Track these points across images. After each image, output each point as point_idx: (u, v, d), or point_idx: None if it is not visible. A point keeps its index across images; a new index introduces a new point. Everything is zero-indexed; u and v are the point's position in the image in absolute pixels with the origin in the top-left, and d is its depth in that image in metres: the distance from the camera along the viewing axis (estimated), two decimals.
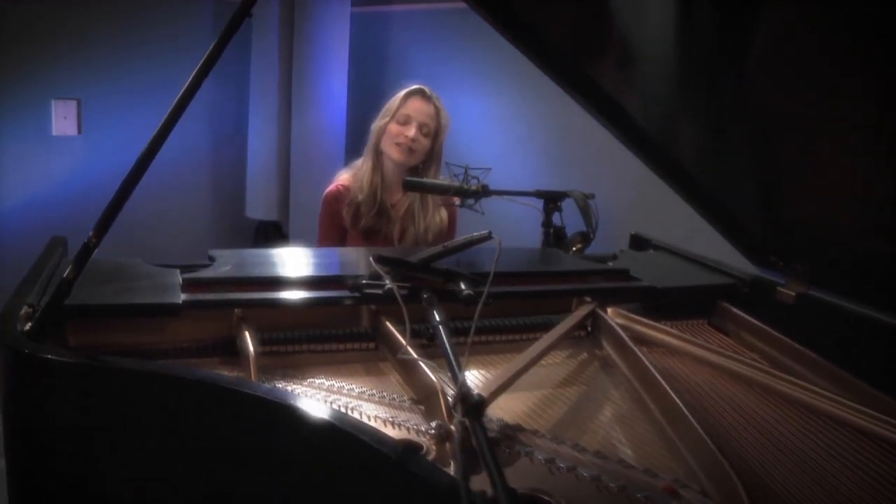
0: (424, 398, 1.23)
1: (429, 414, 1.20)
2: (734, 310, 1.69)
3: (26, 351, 1.09)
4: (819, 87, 1.31)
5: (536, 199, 2.20)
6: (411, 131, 2.26)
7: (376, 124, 2.35)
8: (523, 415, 1.26)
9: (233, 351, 1.39)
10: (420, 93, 2.34)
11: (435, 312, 1.05)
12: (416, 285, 1.17)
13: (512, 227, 2.56)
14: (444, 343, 0.99)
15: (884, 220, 1.44)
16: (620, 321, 1.60)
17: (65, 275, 1.16)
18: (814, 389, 1.36)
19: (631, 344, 1.47)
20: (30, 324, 1.18)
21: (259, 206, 3.52)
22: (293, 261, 1.66)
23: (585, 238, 2.20)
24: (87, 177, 3.20)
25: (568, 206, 2.21)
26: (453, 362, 0.95)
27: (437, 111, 2.33)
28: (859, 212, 1.47)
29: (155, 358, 1.35)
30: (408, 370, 1.30)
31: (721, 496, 1.03)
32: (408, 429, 1.16)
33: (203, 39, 3.46)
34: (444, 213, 2.37)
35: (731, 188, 1.69)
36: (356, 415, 1.18)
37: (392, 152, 2.28)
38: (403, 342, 1.34)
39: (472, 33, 3.32)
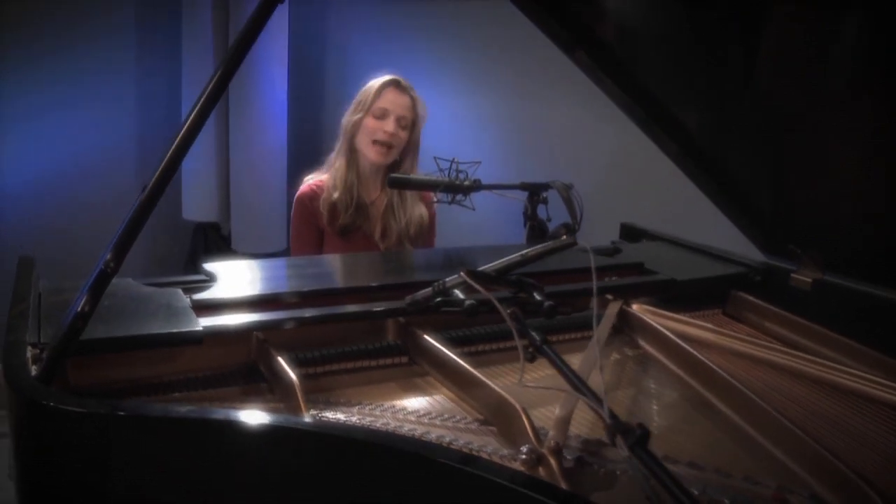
0: (494, 418, 1.13)
1: (505, 436, 1.09)
2: (752, 298, 1.67)
3: (50, 403, 0.90)
4: (830, 80, 1.30)
5: (520, 192, 2.12)
6: (389, 126, 2.13)
7: (348, 119, 2.19)
8: (589, 427, 1.17)
9: (253, 378, 1.24)
10: (395, 84, 2.20)
11: (533, 332, 0.94)
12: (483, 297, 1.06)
13: (491, 222, 2.48)
14: (563, 364, 0.89)
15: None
16: (654, 318, 1.54)
17: (79, 308, 0.98)
18: (866, 376, 1.34)
19: (678, 341, 1.41)
20: (36, 367, 0.99)
21: (196, 207, 3.28)
22: (302, 272, 1.51)
23: (570, 230, 2.14)
24: (9, 182, 2.87)
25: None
26: (582, 387, 0.84)
27: (414, 101, 2.21)
28: (872, 198, 1.48)
29: (169, 392, 1.18)
30: (470, 387, 1.19)
31: (842, 499, 0.98)
32: (488, 454, 1.05)
33: (126, 31, 3.19)
34: (423, 207, 2.26)
35: (746, 178, 1.67)
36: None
37: (369, 152, 2.14)
38: (454, 357, 1.23)
39: (414, 17, 3.21)
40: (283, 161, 3.30)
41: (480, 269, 1.02)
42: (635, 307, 1.59)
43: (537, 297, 1.03)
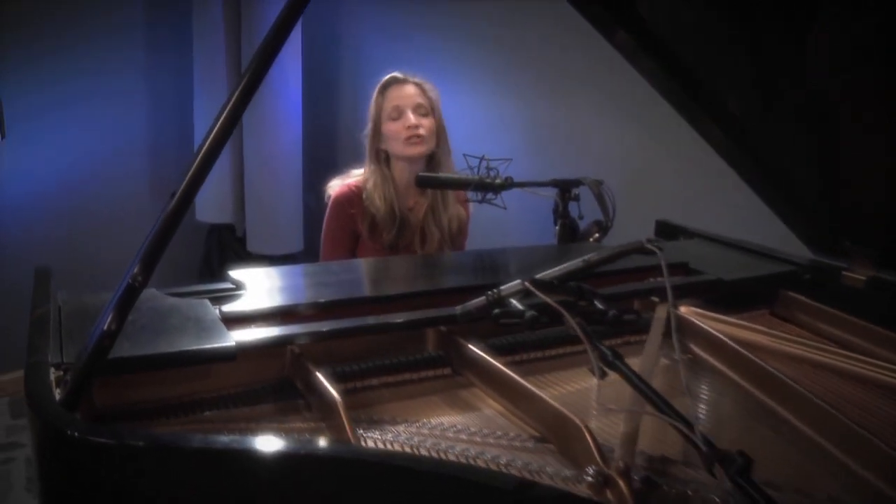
0: (552, 435, 1.05)
1: (565, 455, 1.01)
2: (802, 298, 1.58)
3: (76, 434, 0.83)
4: (887, 65, 1.22)
5: (551, 190, 2.05)
6: (410, 119, 2.05)
7: (369, 133, 2.12)
8: (653, 443, 1.09)
9: (287, 394, 1.17)
10: (393, 80, 2.14)
11: (605, 347, 0.86)
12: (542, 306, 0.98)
13: (517, 220, 2.39)
14: (640, 381, 0.81)
15: None
16: (704, 320, 1.46)
17: (105, 326, 0.90)
18: None
19: (733, 345, 1.33)
20: (60, 390, 0.92)
21: (210, 208, 3.21)
22: (334, 279, 1.42)
23: (602, 227, 2.06)
24: (17, 186, 2.80)
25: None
26: (666, 408, 0.76)
27: (419, 87, 2.13)
28: None
29: (200, 412, 1.10)
30: (521, 400, 1.11)
31: None
32: (551, 477, 0.97)
33: (134, 29, 3.11)
34: (458, 204, 2.18)
35: (794, 169, 1.59)
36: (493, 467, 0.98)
37: (405, 151, 2.06)
38: (503, 368, 1.15)
39: (430, 15, 3.13)
40: (299, 160, 3.22)
41: (540, 275, 0.94)
42: (682, 309, 1.51)
43: (599, 305, 0.95)
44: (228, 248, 3.29)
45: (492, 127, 2.96)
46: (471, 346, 1.21)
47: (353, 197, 2.08)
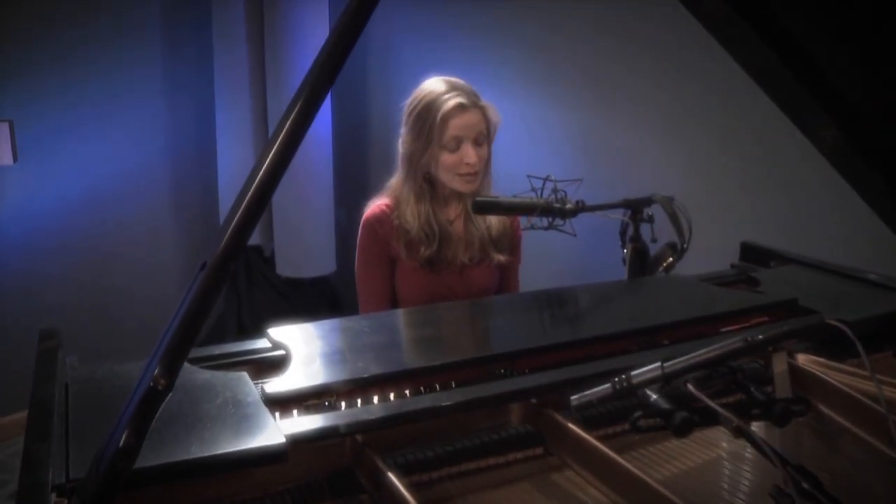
0: None
1: None
2: None
3: None
4: None
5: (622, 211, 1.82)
6: (470, 156, 1.79)
7: (411, 146, 1.84)
8: None
9: (347, 488, 0.95)
10: (460, 108, 1.81)
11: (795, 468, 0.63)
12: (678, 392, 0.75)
13: (572, 242, 2.16)
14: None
15: None
16: (831, 373, 1.23)
17: (120, 443, 0.69)
18: None
19: (879, 408, 1.09)
20: None
21: None
22: (392, 338, 1.20)
23: (676, 250, 1.83)
24: (28, 213, 2.63)
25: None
26: None
27: (484, 111, 1.85)
28: None
29: None
30: (637, 491, 0.88)
31: None
32: None
33: (151, 53, 2.95)
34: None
35: None
36: None
37: (455, 184, 1.82)
38: (612, 454, 0.93)
39: (463, 13, 2.92)
40: (329, 177, 3.02)
41: (685, 360, 0.71)
42: (800, 359, 1.28)
43: (758, 395, 0.72)
44: (256, 270, 3.09)
45: (535, 140, 2.72)
46: (570, 425, 0.99)
47: (382, 216, 1.85)
